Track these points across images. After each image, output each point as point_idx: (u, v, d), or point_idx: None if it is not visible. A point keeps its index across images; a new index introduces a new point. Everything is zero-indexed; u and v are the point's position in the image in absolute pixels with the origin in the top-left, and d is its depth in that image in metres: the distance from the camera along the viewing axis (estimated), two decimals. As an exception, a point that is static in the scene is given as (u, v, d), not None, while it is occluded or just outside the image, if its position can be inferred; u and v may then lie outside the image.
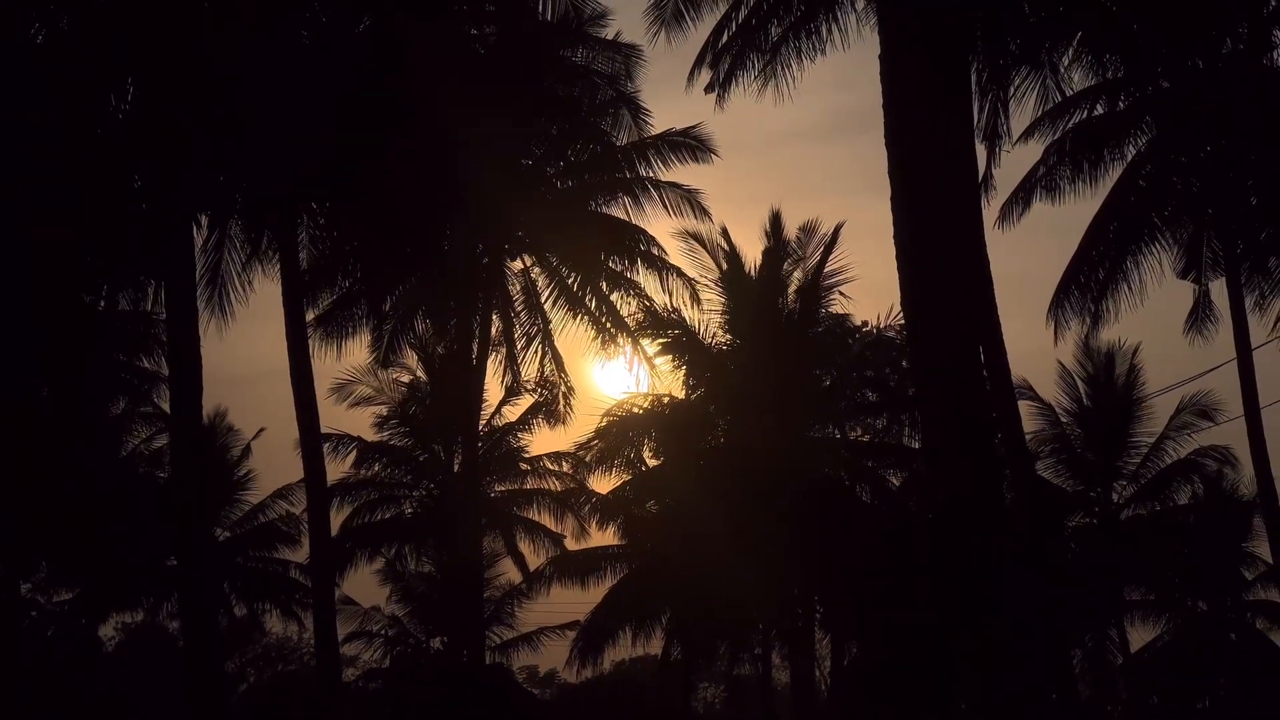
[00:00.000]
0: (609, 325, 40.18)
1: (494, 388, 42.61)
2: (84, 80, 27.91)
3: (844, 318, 42.72)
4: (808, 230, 42.01)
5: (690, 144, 38.28)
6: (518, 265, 40.66)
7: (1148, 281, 34.95)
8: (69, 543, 40.33)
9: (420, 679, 46.10)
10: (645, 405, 43.10)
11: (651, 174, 38.74)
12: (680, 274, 40.48)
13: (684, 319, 41.75)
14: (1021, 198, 35.32)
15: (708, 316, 42.08)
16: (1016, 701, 22.18)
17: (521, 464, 48.18)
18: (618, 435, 43.03)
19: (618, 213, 39.50)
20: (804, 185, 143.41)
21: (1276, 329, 34.96)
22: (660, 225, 40.65)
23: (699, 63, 27.10)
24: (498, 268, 40.26)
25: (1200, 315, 35.81)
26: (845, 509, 41.13)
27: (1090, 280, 35.13)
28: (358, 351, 39.19)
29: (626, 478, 43.23)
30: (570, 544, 48.24)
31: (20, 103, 27.58)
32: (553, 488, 48.46)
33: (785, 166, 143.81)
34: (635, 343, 40.92)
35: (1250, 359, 34.74)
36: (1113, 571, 44.20)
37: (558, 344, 40.67)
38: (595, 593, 45.11)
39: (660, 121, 38.65)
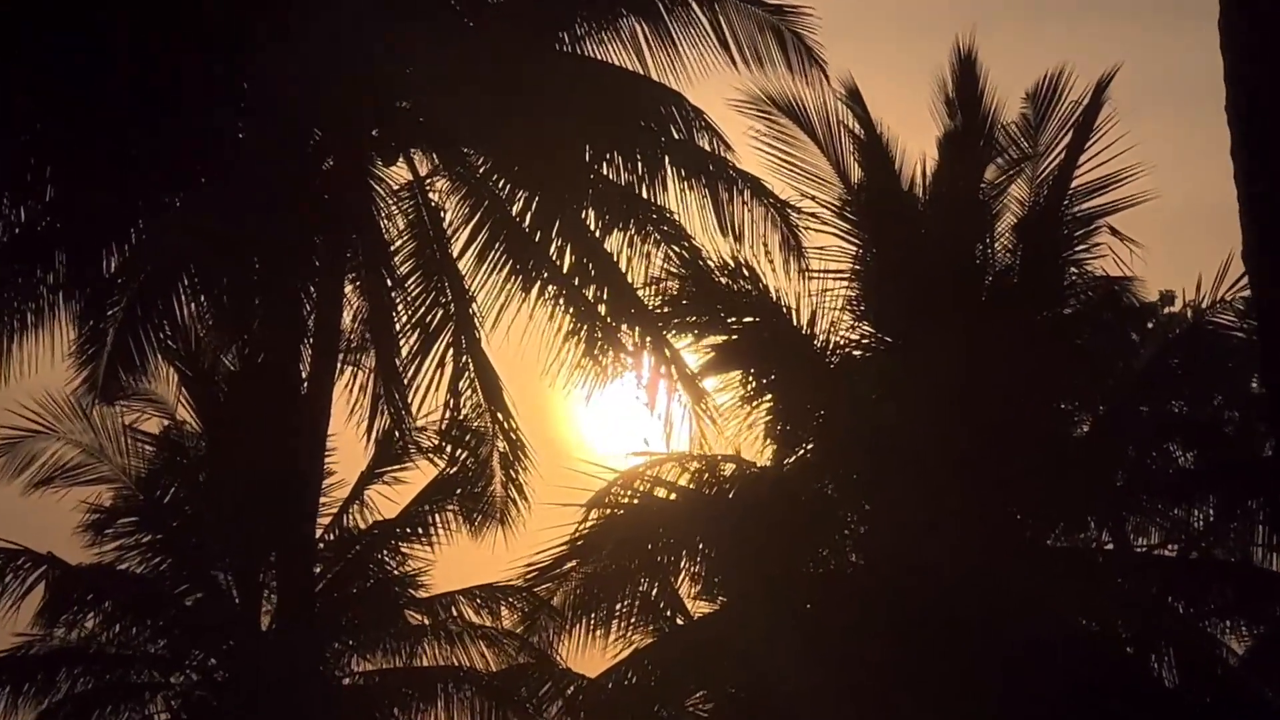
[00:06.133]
0: (600, 306, 19.32)
1: (349, 443, 20.14)
2: None
3: (1122, 284, 18.55)
4: (1050, 89, 17.95)
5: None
6: (400, 175, 19.67)
7: None
8: None
9: None
10: (681, 480, 18.88)
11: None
12: (758, 191, 18.91)
13: (766, 290, 18.51)
14: None
15: (822, 285, 18.50)
16: None
17: (410, 613, 22.91)
18: (621, 546, 18.69)
19: (617, 56, 19.40)
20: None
21: None
22: (709, 86, 19.57)
23: None
24: (357, 184, 19.10)
25: None
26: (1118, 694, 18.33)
27: None
28: (47, 370, 19.37)
29: (647, 639, 18.68)
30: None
31: None
32: (479, 665, 22.44)
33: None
34: (658, 343, 19.15)
35: None
36: None
37: (487, 348, 19.58)
38: None
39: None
